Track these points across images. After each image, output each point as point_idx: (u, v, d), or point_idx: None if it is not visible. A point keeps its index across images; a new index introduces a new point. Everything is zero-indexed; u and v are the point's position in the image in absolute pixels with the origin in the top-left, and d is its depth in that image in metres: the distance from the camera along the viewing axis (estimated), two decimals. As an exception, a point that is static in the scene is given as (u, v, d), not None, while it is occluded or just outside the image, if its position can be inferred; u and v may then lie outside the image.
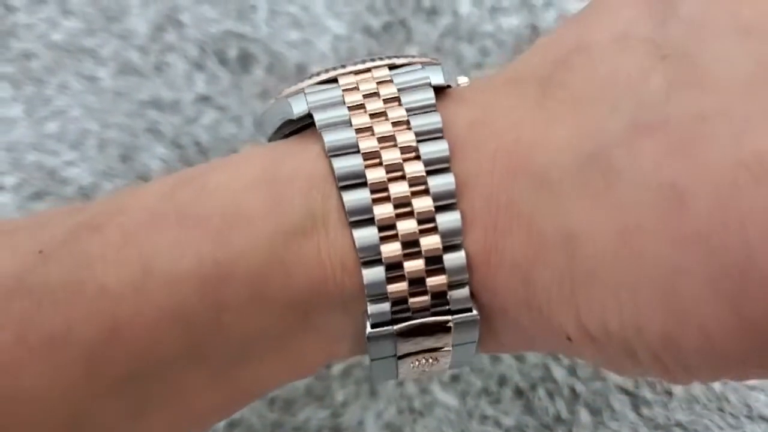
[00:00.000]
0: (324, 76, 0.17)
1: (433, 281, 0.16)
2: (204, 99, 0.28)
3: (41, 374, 0.15)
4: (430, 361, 0.17)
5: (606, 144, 0.15)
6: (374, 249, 0.16)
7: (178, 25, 0.29)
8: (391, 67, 0.17)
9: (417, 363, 0.17)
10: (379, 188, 0.16)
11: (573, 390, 0.25)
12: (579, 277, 0.15)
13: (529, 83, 0.17)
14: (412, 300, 0.16)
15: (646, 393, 0.25)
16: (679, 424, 0.25)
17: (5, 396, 0.15)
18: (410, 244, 0.16)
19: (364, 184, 0.16)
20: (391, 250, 0.16)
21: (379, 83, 0.17)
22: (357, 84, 0.17)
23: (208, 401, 0.17)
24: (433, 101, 0.17)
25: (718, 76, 0.14)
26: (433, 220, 0.16)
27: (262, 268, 0.16)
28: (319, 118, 0.16)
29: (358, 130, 0.16)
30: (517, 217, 0.16)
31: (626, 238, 0.14)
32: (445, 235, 0.16)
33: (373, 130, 0.16)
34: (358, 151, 0.16)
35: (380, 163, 0.16)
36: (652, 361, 0.15)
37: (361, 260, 0.16)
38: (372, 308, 0.16)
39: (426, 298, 0.16)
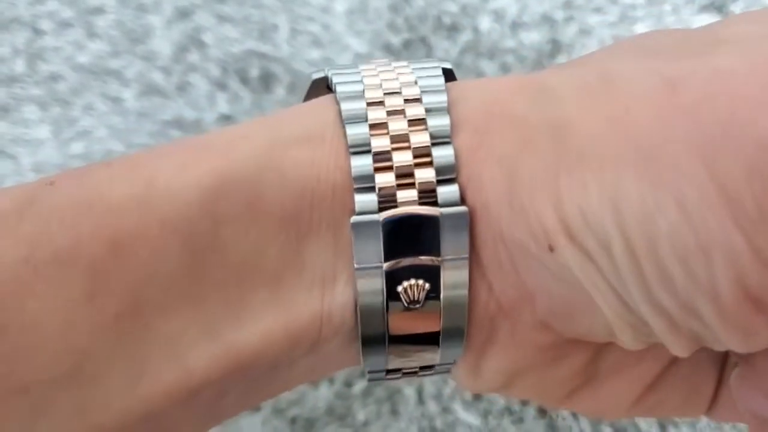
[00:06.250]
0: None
1: (422, 175, 0.16)
2: (226, 118, 0.29)
3: (45, 296, 0.15)
4: (420, 283, 0.17)
5: (609, 61, 0.16)
6: (365, 143, 0.16)
7: (200, 45, 0.30)
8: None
9: (408, 286, 0.17)
10: (375, 103, 0.17)
11: (598, 409, 0.25)
12: (564, 160, 0.15)
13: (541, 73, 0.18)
14: (399, 194, 0.16)
15: (673, 413, 0.25)
16: (707, 445, 0.24)
17: (9, 322, 0.15)
18: (400, 139, 0.16)
19: (360, 97, 0.17)
20: (381, 143, 0.16)
21: (391, 62, 0.18)
22: (371, 61, 0.18)
23: (203, 362, 0.16)
24: (437, 64, 0.18)
25: (729, 34, 0.16)
26: (423, 122, 0.17)
27: (258, 172, 0.16)
28: (332, 72, 0.18)
29: (366, 76, 0.17)
30: (509, 116, 0.17)
31: (616, 120, 0.15)
32: (434, 135, 0.16)
33: (379, 75, 0.17)
34: (361, 82, 0.17)
35: (379, 86, 0.17)
36: (628, 259, 0.15)
37: (351, 152, 0.16)
38: (358, 198, 0.16)
39: (413, 192, 0.16)
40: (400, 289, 0.16)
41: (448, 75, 0.18)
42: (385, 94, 0.17)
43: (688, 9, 0.30)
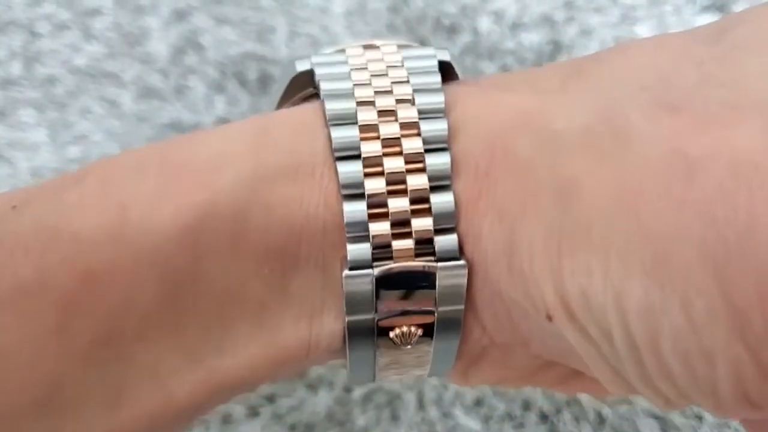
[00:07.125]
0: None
1: (419, 224, 0.15)
2: (224, 121, 0.28)
3: (11, 328, 0.15)
4: (413, 330, 0.16)
5: (623, 109, 0.15)
6: (358, 185, 0.15)
7: (198, 47, 0.29)
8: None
9: (400, 333, 0.16)
10: (369, 127, 0.16)
11: (599, 414, 0.25)
12: (569, 233, 0.14)
13: (550, 75, 0.17)
14: (395, 243, 0.15)
15: (675, 417, 0.25)
16: (709, 450, 0.24)
17: None
18: (396, 183, 0.15)
19: (353, 124, 0.16)
20: (376, 186, 0.15)
21: (385, 55, 0.17)
22: (363, 53, 0.17)
23: (186, 387, 0.16)
24: (437, 68, 0.17)
25: (751, 79, 0.14)
26: (421, 160, 0.15)
27: (243, 206, 0.15)
28: (320, 72, 0.17)
29: (357, 85, 0.16)
30: (512, 162, 0.15)
31: (627, 198, 0.14)
32: (433, 177, 0.15)
33: (371, 83, 0.16)
34: (352, 95, 0.16)
35: (372, 104, 0.16)
36: (628, 349, 0.14)
37: (343, 194, 0.15)
38: (351, 248, 0.15)
39: (410, 242, 0.15)
40: (392, 335, 0.16)
41: (446, 68, 0.17)
42: (379, 113, 0.16)
43: (689, 9, 0.29)
